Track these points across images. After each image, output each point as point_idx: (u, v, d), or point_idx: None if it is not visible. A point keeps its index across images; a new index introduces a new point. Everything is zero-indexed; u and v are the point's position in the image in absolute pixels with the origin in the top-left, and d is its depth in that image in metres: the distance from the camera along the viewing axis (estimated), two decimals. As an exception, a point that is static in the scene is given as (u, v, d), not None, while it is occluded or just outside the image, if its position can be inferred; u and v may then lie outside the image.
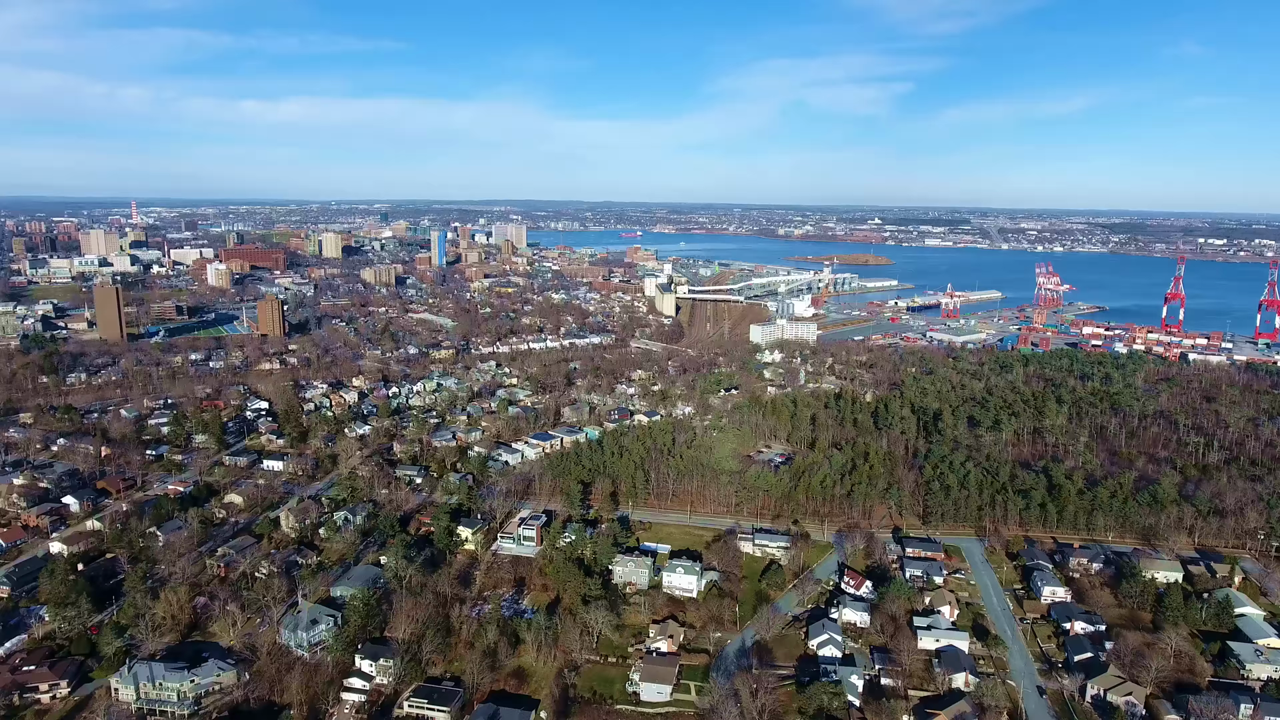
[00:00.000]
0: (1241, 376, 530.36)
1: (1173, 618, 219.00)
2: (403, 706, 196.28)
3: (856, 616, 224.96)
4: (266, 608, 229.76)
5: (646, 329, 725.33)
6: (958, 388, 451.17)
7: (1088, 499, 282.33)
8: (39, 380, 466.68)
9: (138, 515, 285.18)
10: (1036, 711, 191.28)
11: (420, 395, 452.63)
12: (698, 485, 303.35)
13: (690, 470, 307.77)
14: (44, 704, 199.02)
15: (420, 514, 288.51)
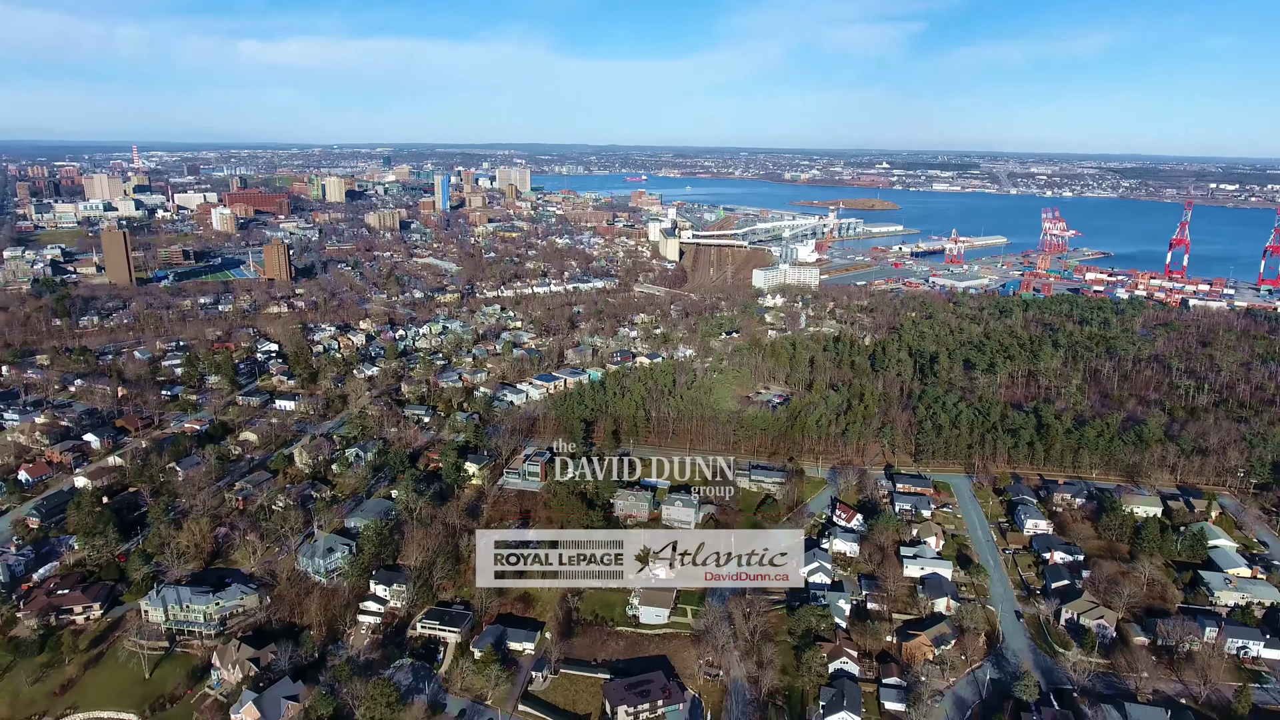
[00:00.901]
0: (1240, 322, 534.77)
1: (1149, 549, 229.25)
2: (415, 628, 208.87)
3: (846, 547, 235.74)
4: (284, 537, 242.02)
5: (650, 274, 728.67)
6: (956, 332, 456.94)
7: (1075, 438, 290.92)
8: (52, 323, 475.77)
9: (157, 452, 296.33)
10: (1012, 633, 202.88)
11: (426, 338, 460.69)
12: (697, 424, 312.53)
13: (690, 410, 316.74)
14: (79, 624, 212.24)
15: (429, 451, 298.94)
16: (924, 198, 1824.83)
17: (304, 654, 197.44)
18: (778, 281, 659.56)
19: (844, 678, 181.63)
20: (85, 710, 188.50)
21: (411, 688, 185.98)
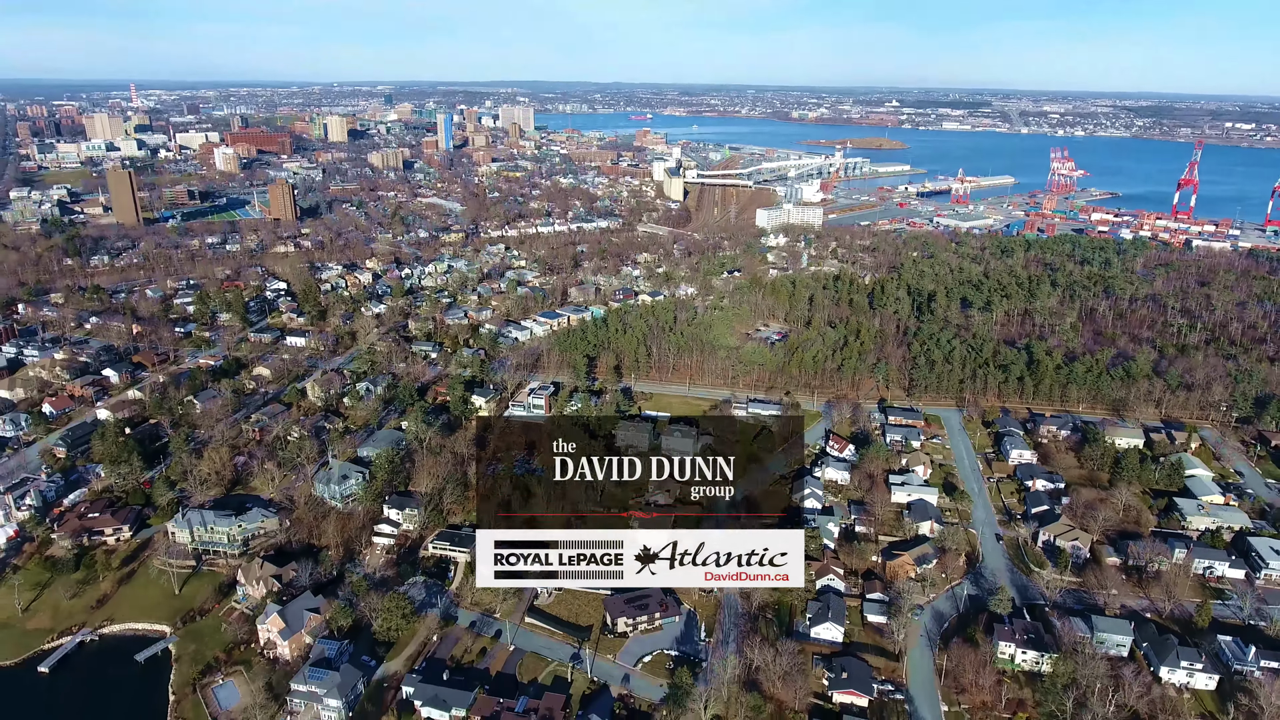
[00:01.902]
0: (1242, 262, 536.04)
1: (1128, 477, 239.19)
2: (428, 548, 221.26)
3: (838, 475, 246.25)
4: (300, 465, 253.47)
5: (654, 213, 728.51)
6: (955, 271, 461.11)
7: (1064, 373, 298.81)
8: (64, 263, 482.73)
9: (174, 386, 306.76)
10: (992, 554, 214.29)
11: (432, 276, 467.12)
12: (697, 360, 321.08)
13: (690, 346, 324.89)
14: (110, 545, 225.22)
15: (436, 385, 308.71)
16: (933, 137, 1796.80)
17: (323, 572, 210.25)
18: (781, 221, 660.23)
19: (830, 593, 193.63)
20: (121, 622, 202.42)
21: (425, 602, 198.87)
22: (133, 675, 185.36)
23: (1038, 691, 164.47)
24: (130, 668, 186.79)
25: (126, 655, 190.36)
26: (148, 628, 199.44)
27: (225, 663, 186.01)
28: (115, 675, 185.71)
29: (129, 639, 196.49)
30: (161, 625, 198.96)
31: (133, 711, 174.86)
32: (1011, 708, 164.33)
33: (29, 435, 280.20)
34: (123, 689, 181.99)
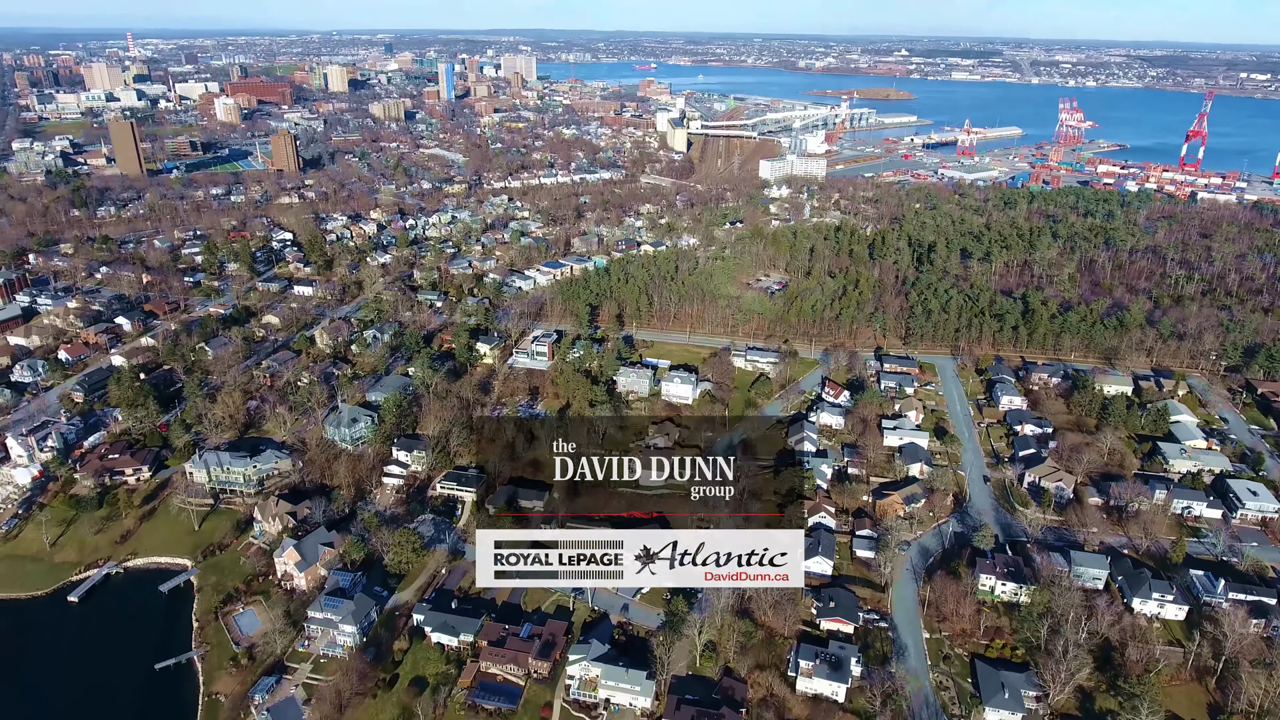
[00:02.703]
0: (1246, 215, 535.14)
1: (1114, 422, 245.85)
2: (435, 488, 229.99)
3: (832, 420, 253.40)
4: (311, 410, 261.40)
5: (657, 164, 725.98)
6: (957, 222, 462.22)
7: (1058, 323, 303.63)
8: (71, 213, 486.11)
9: (186, 333, 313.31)
10: (979, 494, 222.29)
11: (436, 227, 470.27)
12: (697, 309, 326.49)
13: (691, 295, 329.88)
14: (131, 484, 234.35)
15: (442, 333, 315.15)
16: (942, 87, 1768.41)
17: (336, 509, 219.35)
18: (784, 173, 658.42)
19: (821, 529, 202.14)
20: (144, 556, 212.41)
21: (433, 538, 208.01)
22: (157, 604, 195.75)
23: (1014, 620, 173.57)
24: (155, 598, 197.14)
25: (150, 586, 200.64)
26: (170, 561, 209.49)
27: (245, 593, 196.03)
28: (141, 604, 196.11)
29: (152, 571, 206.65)
30: (183, 559, 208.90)
31: (159, 637, 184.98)
32: (989, 635, 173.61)
33: (47, 381, 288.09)
34: (149, 617, 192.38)
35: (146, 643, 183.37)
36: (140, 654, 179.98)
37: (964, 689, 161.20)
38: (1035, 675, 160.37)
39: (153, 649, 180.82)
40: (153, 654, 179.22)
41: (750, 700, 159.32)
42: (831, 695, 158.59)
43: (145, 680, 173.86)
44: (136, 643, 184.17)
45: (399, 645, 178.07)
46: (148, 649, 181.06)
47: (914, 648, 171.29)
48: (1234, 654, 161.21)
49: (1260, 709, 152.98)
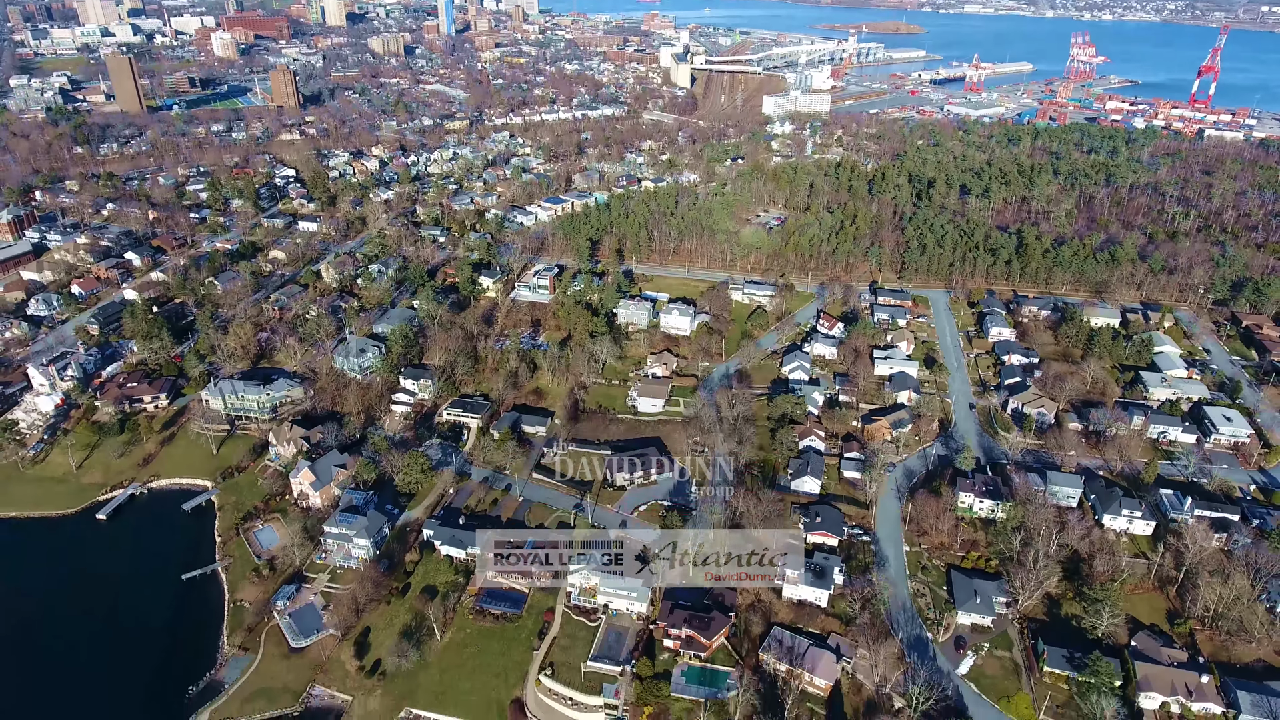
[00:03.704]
0: (1252, 152, 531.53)
1: (1099, 353, 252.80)
2: (442, 415, 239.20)
3: (825, 350, 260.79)
4: (320, 341, 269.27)
5: (659, 100, 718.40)
6: (959, 159, 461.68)
7: (1051, 257, 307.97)
8: (73, 150, 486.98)
9: (195, 268, 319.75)
10: (964, 420, 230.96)
11: (437, 163, 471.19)
12: (696, 244, 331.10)
13: (690, 230, 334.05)
14: (150, 412, 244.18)
15: (445, 267, 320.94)
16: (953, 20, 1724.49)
17: (347, 434, 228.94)
18: (788, 108, 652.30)
19: (811, 452, 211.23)
20: (166, 477, 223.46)
21: (441, 460, 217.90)
22: (181, 522, 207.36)
23: (990, 534, 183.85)
24: (178, 515, 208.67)
25: (174, 505, 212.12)
26: (191, 482, 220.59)
27: (263, 511, 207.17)
28: (166, 521, 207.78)
29: (175, 492, 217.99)
30: (203, 480, 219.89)
31: (185, 551, 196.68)
32: (965, 548, 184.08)
33: (62, 314, 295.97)
34: (174, 533, 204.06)
35: (173, 555, 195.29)
36: (168, 566, 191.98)
37: (939, 596, 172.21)
38: (1006, 583, 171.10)
39: (179, 561, 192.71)
40: (180, 565, 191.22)
41: (739, 605, 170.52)
42: (815, 601, 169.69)
43: (174, 588, 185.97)
44: (164, 555, 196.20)
45: (410, 558, 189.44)
46: (175, 561, 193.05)
47: (894, 559, 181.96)
48: (1194, 565, 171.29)
49: (1215, 613, 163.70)
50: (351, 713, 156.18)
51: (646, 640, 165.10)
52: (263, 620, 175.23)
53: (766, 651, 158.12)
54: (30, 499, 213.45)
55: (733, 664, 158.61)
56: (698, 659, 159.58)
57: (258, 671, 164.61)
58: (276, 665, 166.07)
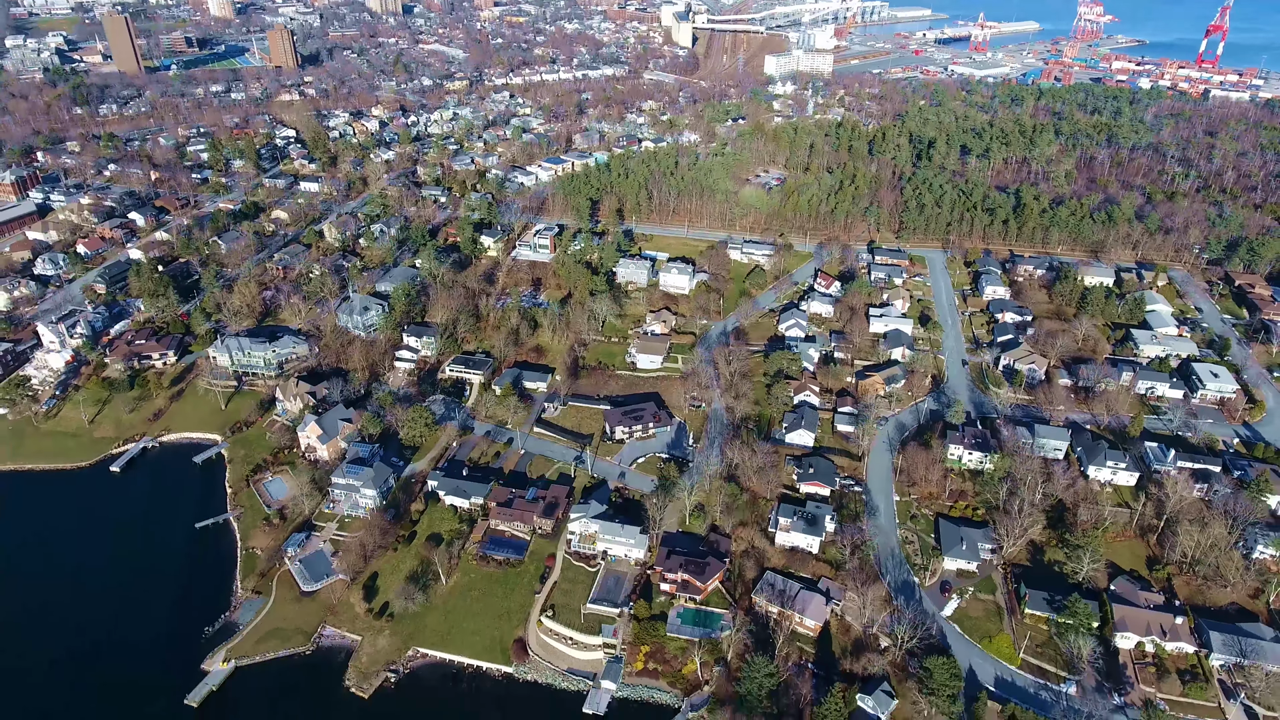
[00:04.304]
0: (1257, 113, 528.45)
1: (1092, 311, 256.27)
2: (445, 371, 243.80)
3: (822, 308, 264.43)
4: (324, 299, 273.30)
5: (661, 60, 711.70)
6: (960, 119, 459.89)
7: (1048, 217, 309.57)
8: (73, 111, 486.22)
9: (198, 228, 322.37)
10: (956, 376, 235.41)
11: (438, 124, 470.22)
12: (696, 204, 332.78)
13: (690, 190, 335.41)
14: (159, 368, 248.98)
15: (447, 227, 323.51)
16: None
17: (352, 390, 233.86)
18: (790, 68, 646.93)
19: (805, 407, 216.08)
20: (177, 432, 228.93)
21: (444, 415, 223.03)
22: (192, 474, 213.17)
23: (978, 484, 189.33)
24: (189, 468, 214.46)
25: (185, 458, 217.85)
26: (201, 436, 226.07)
27: (272, 464, 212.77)
28: (177, 474, 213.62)
29: (186, 445, 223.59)
30: (213, 434, 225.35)
31: (197, 501, 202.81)
32: (954, 498, 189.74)
33: (68, 273, 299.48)
34: (186, 484, 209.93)
35: (186, 506, 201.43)
36: (181, 515, 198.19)
37: (927, 543, 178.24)
38: (992, 531, 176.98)
39: (192, 511, 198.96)
40: (193, 515, 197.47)
41: (733, 552, 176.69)
42: (807, 547, 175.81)
43: (188, 536, 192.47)
44: (177, 506, 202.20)
45: (415, 507, 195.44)
46: (188, 511, 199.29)
47: (885, 509, 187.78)
48: (1175, 514, 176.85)
49: (1192, 559, 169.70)
50: (361, 651, 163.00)
51: (644, 584, 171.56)
52: (274, 566, 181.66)
53: (759, 594, 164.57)
54: (46, 452, 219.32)
55: (726, 606, 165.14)
56: (693, 602, 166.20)
57: (270, 613, 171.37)
58: (288, 608, 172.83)
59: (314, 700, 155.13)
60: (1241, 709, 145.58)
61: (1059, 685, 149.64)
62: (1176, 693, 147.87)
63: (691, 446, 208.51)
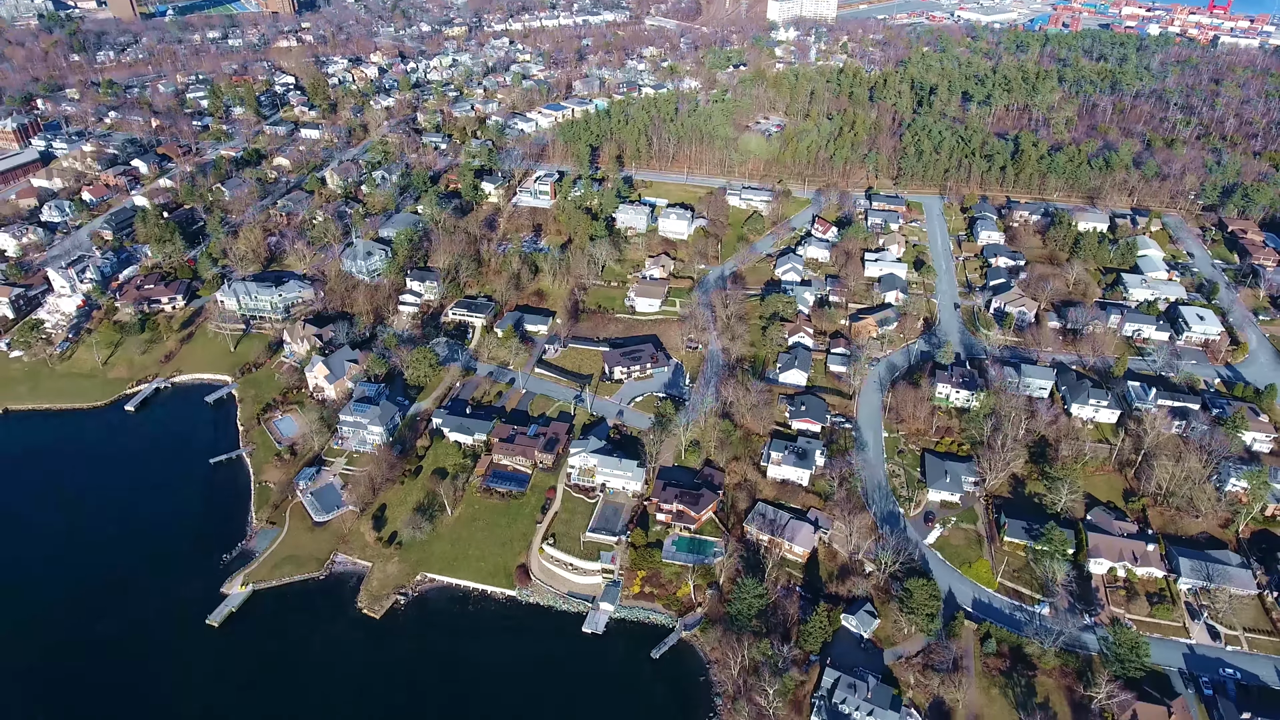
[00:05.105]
0: (1265, 60, 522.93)
1: (1084, 255, 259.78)
2: (448, 314, 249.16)
3: (819, 253, 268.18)
4: (328, 245, 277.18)
5: (662, 5, 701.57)
6: (964, 66, 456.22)
7: (1045, 163, 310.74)
8: (71, 58, 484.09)
9: (201, 175, 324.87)
10: (948, 319, 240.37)
11: (437, 70, 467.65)
12: (696, 150, 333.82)
13: (690, 136, 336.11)
14: (168, 312, 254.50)
15: (447, 174, 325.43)
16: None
17: (357, 333, 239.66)
18: (793, 14, 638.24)
19: (800, 348, 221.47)
20: (188, 373, 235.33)
21: (448, 357, 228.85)
22: (204, 413, 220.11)
23: (964, 421, 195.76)
24: (202, 407, 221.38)
25: (197, 398, 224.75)
26: (212, 377, 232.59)
27: (282, 403, 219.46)
28: (190, 413, 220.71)
29: (197, 386, 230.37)
30: (223, 375, 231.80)
31: (211, 438, 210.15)
32: (940, 434, 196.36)
33: (75, 220, 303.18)
34: (199, 423, 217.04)
35: (200, 443, 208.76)
36: (196, 452, 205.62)
37: (912, 476, 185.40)
38: (976, 464, 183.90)
39: (206, 447, 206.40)
40: (207, 451, 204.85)
41: (727, 484, 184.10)
42: (797, 480, 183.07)
43: (203, 471, 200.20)
44: (191, 442, 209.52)
45: (421, 443, 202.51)
46: (202, 447, 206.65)
47: (873, 444, 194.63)
48: (1152, 449, 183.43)
49: (1167, 491, 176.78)
50: (372, 576, 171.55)
51: (641, 515, 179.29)
52: (287, 498, 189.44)
53: (750, 524, 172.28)
54: (63, 392, 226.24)
55: (719, 535, 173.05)
56: (687, 531, 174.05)
57: (285, 542, 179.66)
58: (302, 536, 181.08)
59: (328, 620, 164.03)
60: (1204, 627, 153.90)
61: (1033, 607, 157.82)
62: (1144, 613, 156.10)
63: (688, 386, 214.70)
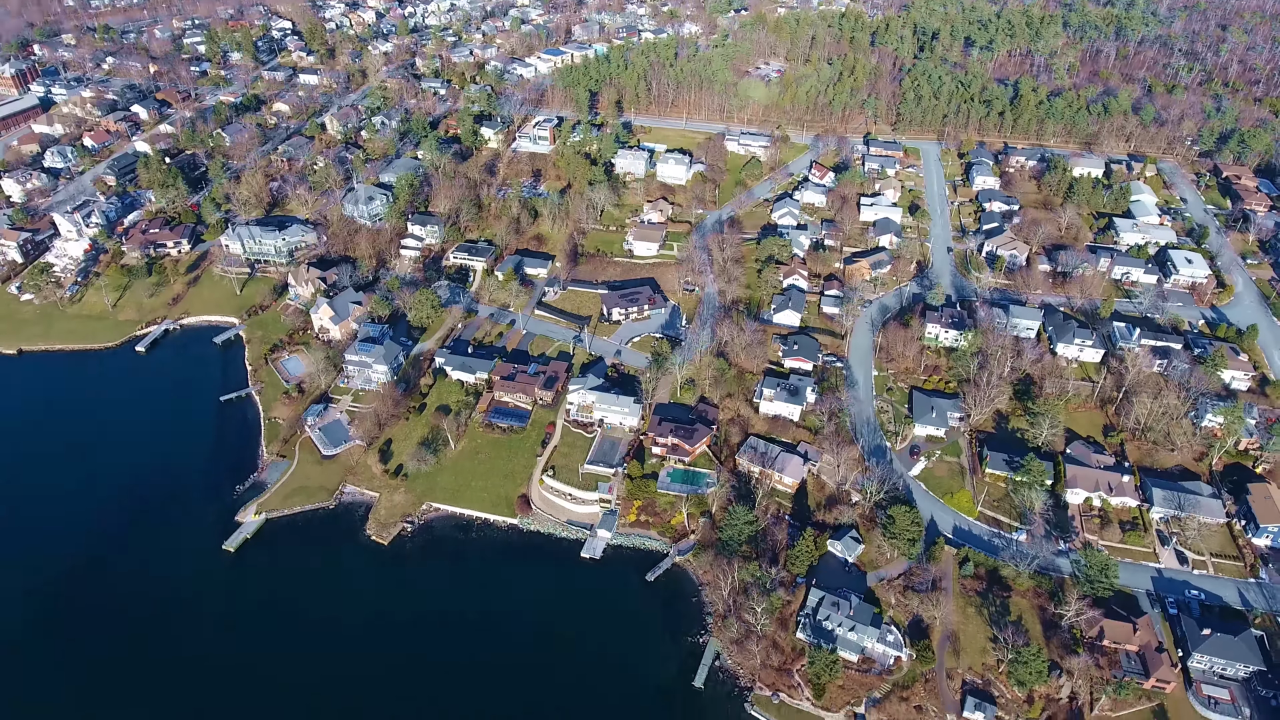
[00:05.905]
0: (1275, 6, 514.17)
1: (1078, 200, 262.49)
2: (449, 258, 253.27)
3: (815, 198, 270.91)
4: (329, 190, 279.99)
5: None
6: (967, 10, 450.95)
7: (1044, 109, 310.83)
8: (65, 3, 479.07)
9: (202, 120, 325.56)
10: (940, 262, 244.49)
11: (435, 15, 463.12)
12: (695, 96, 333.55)
13: (689, 82, 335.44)
14: (174, 256, 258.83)
15: (447, 119, 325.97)
16: None
17: (361, 276, 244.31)
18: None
19: (794, 290, 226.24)
20: (196, 315, 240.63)
21: (450, 299, 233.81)
22: (213, 354, 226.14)
23: (952, 359, 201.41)
24: (210, 348, 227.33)
25: (205, 339, 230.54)
26: (219, 319, 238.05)
27: (288, 344, 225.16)
28: (199, 353, 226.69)
29: (205, 328, 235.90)
30: (230, 317, 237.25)
31: (220, 378, 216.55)
32: (929, 372, 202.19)
33: (78, 166, 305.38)
34: (208, 363, 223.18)
35: (210, 382, 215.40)
36: (206, 390, 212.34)
37: (900, 412, 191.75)
38: (962, 401, 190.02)
39: (216, 386, 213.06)
40: (217, 390, 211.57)
41: (720, 420, 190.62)
42: (788, 415, 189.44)
43: (214, 408, 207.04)
44: (201, 382, 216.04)
45: (424, 382, 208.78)
46: (212, 386, 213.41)
47: (863, 382, 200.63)
48: (1133, 386, 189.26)
49: (1145, 426, 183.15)
50: (379, 506, 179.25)
51: (637, 448, 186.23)
52: (295, 433, 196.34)
53: (742, 456, 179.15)
54: (75, 333, 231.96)
55: (712, 468, 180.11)
56: (682, 463, 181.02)
57: (295, 474, 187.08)
58: (311, 469, 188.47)
59: (338, 546, 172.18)
60: (1173, 553, 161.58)
61: (1011, 534, 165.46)
62: (1116, 539, 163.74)
63: (684, 327, 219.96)
